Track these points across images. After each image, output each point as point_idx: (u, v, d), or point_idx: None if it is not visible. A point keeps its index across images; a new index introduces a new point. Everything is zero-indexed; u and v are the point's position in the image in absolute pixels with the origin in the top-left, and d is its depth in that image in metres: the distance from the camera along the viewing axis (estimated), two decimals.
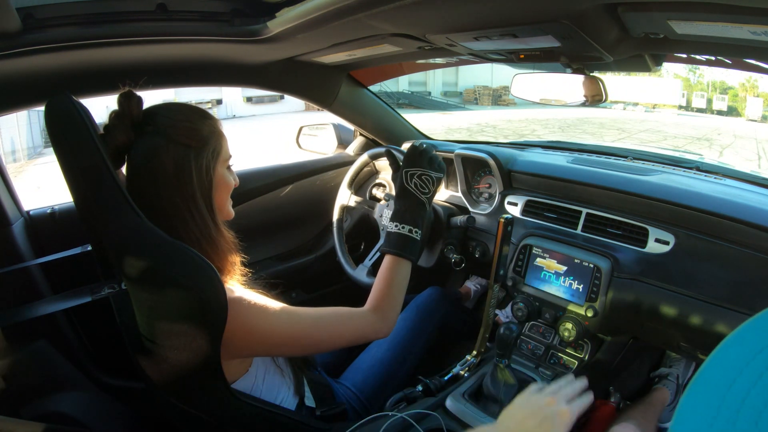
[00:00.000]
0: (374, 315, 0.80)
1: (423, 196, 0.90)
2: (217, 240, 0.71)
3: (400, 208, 0.90)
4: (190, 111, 0.71)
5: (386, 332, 0.81)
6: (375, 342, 1.07)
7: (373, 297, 0.83)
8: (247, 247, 0.79)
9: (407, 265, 0.86)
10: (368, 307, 0.82)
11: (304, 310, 0.74)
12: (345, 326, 0.77)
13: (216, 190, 0.72)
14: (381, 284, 0.84)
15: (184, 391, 0.70)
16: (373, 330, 0.80)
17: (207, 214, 0.70)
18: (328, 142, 1.71)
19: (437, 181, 0.91)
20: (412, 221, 0.88)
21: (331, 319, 0.76)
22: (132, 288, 0.65)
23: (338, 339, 0.77)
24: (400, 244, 0.86)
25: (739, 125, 19.51)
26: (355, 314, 0.79)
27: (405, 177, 0.91)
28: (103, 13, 0.83)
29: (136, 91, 0.69)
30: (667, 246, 0.93)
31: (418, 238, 0.87)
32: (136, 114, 0.68)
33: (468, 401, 0.87)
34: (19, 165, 9.60)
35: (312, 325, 0.74)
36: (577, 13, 0.68)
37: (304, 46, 1.09)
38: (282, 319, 0.70)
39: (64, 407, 0.94)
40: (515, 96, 1.16)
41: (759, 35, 0.61)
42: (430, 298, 1.21)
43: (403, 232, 0.87)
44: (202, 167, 0.69)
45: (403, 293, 0.85)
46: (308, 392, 0.88)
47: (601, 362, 1.01)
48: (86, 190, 0.64)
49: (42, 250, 1.08)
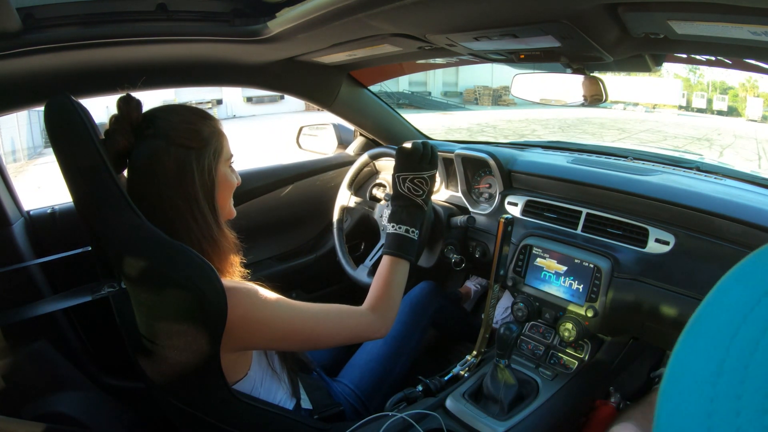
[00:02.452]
0: (372, 314, 0.80)
1: (418, 198, 0.90)
2: (219, 240, 0.71)
3: (397, 210, 0.90)
4: (190, 112, 0.71)
5: (384, 332, 0.81)
6: None
7: (372, 297, 0.83)
8: (247, 247, 0.79)
9: (405, 266, 0.86)
10: (366, 307, 0.81)
11: (304, 304, 0.74)
12: (343, 323, 0.77)
13: (218, 189, 0.72)
14: (379, 284, 0.84)
15: (183, 390, 0.70)
16: (371, 329, 0.80)
17: (209, 215, 0.70)
18: (328, 142, 1.71)
19: (430, 179, 0.91)
20: (409, 221, 0.88)
21: (331, 315, 0.76)
22: (132, 288, 0.65)
23: (336, 336, 0.76)
24: (397, 244, 0.86)
25: (739, 125, 19.50)
26: (354, 312, 0.79)
27: (398, 182, 0.91)
28: (103, 13, 0.83)
29: (136, 91, 0.69)
30: (667, 246, 0.93)
31: (416, 238, 0.87)
32: (135, 117, 0.68)
33: (468, 401, 0.87)
34: (19, 165, 9.61)
35: (311, 319, 0.73)
36: (577, 13, 0.68)
37: (304, 46, 1.09)
38: (282, 309, 0.70)
39: (64, 407, 0.94)
40: (515, 96, 1.16)
41: (759, 35, 0.61)
42: (422, 293, 1.21)
43: (399, 232, 0.87)
44: (204, 168, 0.69)
45: (401, 293, 0.85)
46: (304, 395, 0.88)
47: (601, 362, 1.01)
48: (86, 190, 0.64)
49: (42, 250, 1.08)
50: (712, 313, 0.17)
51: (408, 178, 0.90)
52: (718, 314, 0.17)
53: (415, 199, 0.89)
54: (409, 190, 0.89)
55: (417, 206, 0.90)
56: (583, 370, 0.98)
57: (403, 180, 0.90)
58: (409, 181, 0.90)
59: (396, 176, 0.91)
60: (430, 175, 0.90)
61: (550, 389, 0.92)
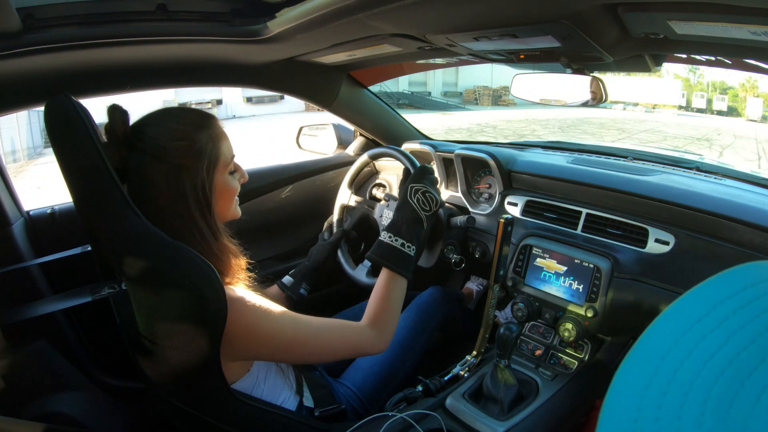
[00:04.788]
0: (371, 330, 0.80)
1: (423, 213, 0.90)
2: (217, 254, 0.69)
3: (397, 221, 0.89)
4: (182, 123, 0.68)
5: (382, 347, 0.81)
6: None
7: (370, 313, 0.83)
8: (247, 247, 0.79)
9: (402, 283, 0.86)
10: (366, 323, 0.82)
11: (307, 317, 0.74)
12: (344, 339, 0.77)
13: (216, 200, 0.71)
14: (377, 301, 0.84)
15: (183, 391, 0.70)
16: (369, 345, 0.80)
17: (206, 230, 0.68)
18: (328, 142, 1.71)
19: (439, 204, 0.93)
20: (407, 236, 0.87)
21: (332, 329, 0.76)
22: (132, 288, 0.65)
23: (337, 351, 0.77)
24: (391, 257, 0.86)
25: (739, 125, 19.51)
26: (355, 328, 0.79)
27: (409, 191, 0.91)
28: (103, 13, 0.83)
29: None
30: (667, 246, 0.93)
31: (412, 254, 0.87)
32: (122, 130, 0.66)
33: (468, 401, 0.87)
34: (19, 165, 9.60)
35: (314, 333, 0.74)
36: (577, 13, 0.68)
37: (304, 46, 1.09)
38: (285, 322, 0.70)
39: (64, 407, 0.94)
40: (515, 96, 1.16)
41: (759, 35, 0.61)
42: (431, 298, 1.20)
43: (395, 245, 0.87)
44: (197, 186, 0.67)
45: (399, 311, 0.85)
46: (307, 392, 0.88)
47: (601, 362, 1.01)
48: (86, 190, 0.63)
49: (42, 250, 1.08)
50: (650, 335, 0.20)
51: (420, 190, 0.91)
52: (655, 338, 0.20)
53: (420, 213, 0.90)
54: (418, 201, 0.90)
55: (419, 221, 0.90)
56: (583, 370, 0.98)
57: (416, 191, 0.91)
58: (422, 193, 0.91)
59: (409, 186, 0.92)
60: (440, 200, 0.93)
61: (550, 389, 0.92)
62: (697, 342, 0.18)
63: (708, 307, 0.19)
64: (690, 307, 0.20)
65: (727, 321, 0.18)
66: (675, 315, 0.20)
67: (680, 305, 0.21)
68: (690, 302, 0.20)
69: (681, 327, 0.19)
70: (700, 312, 0.19)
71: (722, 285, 0.20)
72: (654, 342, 0.20)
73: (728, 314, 0.18)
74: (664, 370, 0.18)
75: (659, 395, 0.17)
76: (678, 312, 0.20)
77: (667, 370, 0.18)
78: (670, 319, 0.20)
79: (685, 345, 0.18)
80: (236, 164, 0.75)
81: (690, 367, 0.17)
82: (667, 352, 0.19)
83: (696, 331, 0.19)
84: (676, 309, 0.21)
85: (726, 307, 0.19)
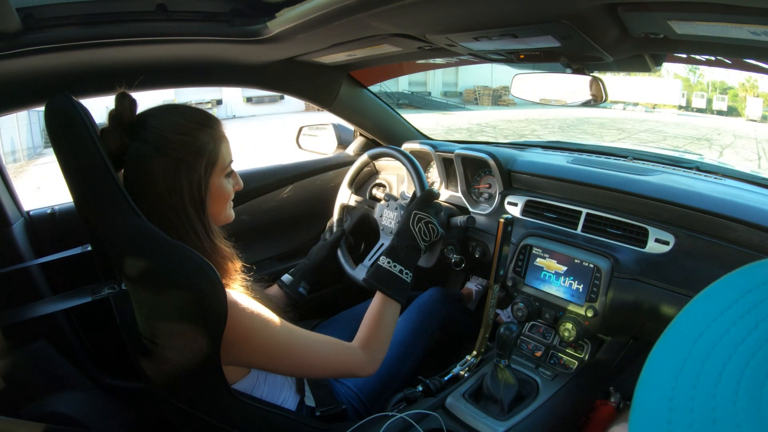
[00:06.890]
0: (362, 353, 0.80)
1: (422, 243, 0.91)
2: (210, 254, 0.69)
3: (396, 246, 0.90)
4: (187, 119, 0.68)
5: (371, 371, 0.81)
6: None
7: (362, 335, 0.82)
8: (246, 247, 0.79)
9: (396, 307, 0.86)
10: (357, 344, 0.81)
11: (302, 330, 0.74)
12: (336, 357, 0.76)
13: (211, 202, 0.70)
14: (370, 324, 0.83)
15: (183, 391, 0.70)
16: (359, 367, 0.79)
17: (200, 228, 0.68)
18: (328, 142, 1.71)
19: (440, 235, 0.93)
20: (405, 262, 0.88)
21: (325, 345, 0.75)
22: (132, 288, 0.65)
23: (326, 368, 0.76)
24: (387, 282, 0.86)
25: (739, 125, 19.50)
26: (347, 348, 0.79)
27: (412, 218, 0.91)
28: (103, 13, 0.83)
29: (135, 92, 0.69)
30: (667, 246, 0.93)
31: (408, 280, 0.88)
32: (128, 118, 0.66)
33: (468, 401, 0.87)
34: (19, 165, 9.60)
35: (306, 347, 0.73)
36: (577, 13, 0.68)
37: (304, 46, 1.09)
38: (281, 332, 0.70)
39: (64, 407, 0.94)
40: (515, 96, 1.16)
41: (759, 35, 0.61)
42: (431, 299, 1.20)
43: (393, 270, 0.87)
44: (194, 182, 0.67)
45: (390, 334, 0.85)
46: (308, 392, 0.88)
47: (601, 362, 1.01)
48: (86, 190, 0.64)
49: (42, 250, 1.08)
50: (682, 321, 0.21)
51: (424, 220, 0.91)
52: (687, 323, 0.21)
53: (420, 242, 0.90)
54: (419, 230, 0.90)
55: (417, 250, 0.91)
56: (583, 370, 0.98)
57: (419, 219, 0.91)
58: (424, 223, 0.91)
59: (413, 212, 0.92)
60: (441, 232, 0.94)
61: (550, 389, 0.92)
62: (728, 328, 0.19)
63: (737, 296, 0.20)
64: (721, 294, 0.21)
65: (756, 308, 0.19)
66: (706, 302, 0.21)
67: (711, 293, 0.22)
68: (721, 290, 0.21)
69: (712, 313, 0.20)
70: (731, 299, 0.20)
71: (751, 275, 0.21)
72: (686, 327, 0.21)
73: (757, 302, 0.19)
74: (697, 352, 0.19)
75: (694, 375, 0.18)
76: (709, 299, 0.21)
77: (700, 352, 0.19)
78: (701, 305, 0.21)
79: (716, 329, 0.19)
80: (233, 170, 0.75)
81: (722, 350, 0.18)
82: (700, 336, 0.20)
83: (727, 316, 0.20)
84: (707, 296, 0.22)
85: (755, 296, 0.20)
